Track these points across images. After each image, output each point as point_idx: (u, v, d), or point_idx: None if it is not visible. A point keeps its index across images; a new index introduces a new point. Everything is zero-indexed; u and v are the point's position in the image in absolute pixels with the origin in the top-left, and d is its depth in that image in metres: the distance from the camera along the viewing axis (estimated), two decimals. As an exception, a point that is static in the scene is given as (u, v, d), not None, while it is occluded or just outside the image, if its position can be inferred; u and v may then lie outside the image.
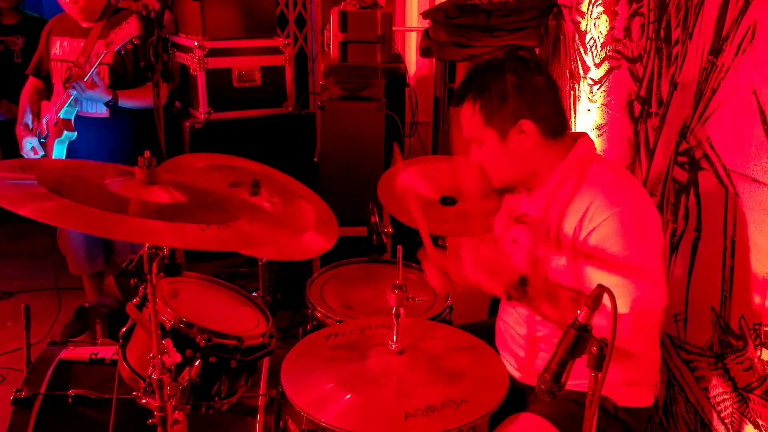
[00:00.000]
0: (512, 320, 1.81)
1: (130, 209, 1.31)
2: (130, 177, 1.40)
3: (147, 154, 1.38)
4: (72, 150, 2.95)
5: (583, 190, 1.59)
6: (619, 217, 1.51)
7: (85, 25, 2.91)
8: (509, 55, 1.71)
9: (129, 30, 2.66)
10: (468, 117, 1.64)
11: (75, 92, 2.78)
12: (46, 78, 3.07)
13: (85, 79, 2.76)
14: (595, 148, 1.70)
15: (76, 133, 2.89)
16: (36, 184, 1.25)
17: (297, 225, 1.97)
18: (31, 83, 3.12)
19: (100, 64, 2.85)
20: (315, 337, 1.64)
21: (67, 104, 2.83)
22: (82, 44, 2.88)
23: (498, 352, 1.88)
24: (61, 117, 2.86)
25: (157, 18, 2.66)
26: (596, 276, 1.54)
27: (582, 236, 1.56)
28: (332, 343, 1.59)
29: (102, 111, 2.94)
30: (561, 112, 1.67)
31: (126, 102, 2.91)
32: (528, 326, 1.75)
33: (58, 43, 2.97)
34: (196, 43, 3.69)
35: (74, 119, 2.89)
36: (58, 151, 2.94)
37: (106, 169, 1.47)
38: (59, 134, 2.89)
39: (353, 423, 1.31)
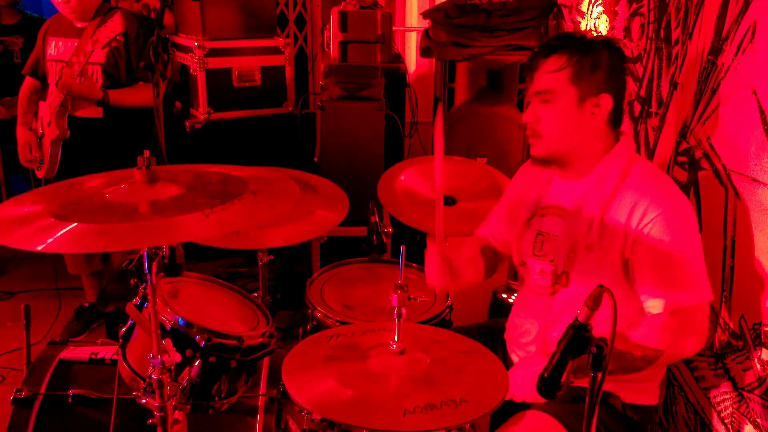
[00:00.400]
0: (527, 316, 1.80)
1: (132, 215, 1.31)
2: (129, 181, 1.40)
3: (146, 153, 1.38)
4: (67, 150, 2.95)
5: (627, 187, 1.61)
6: (666, 217, 1.54)
7: (79, 25, 2.91)
8: (607, 36, 1.71)
9: (113, 27, 2.65)
10: (553, 69, 1.63)
11: (66, 92, 2.78)
12: (42, 78, 3.07)
13: (74, 78, 2.75)
14: (635, 148, 1.71)
15: (69, 132, 2.89)
16: (43, 215, 1.26)
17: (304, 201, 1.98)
18: (28, 83, 3.12)
19: (93, 64, 2.85)
20: (317, 338, 1.64)
21: (59, 104, 2.83)
22: (77, 44, 2.88)
23: (505, 349, 1.88)
24: (54, 117, 2.86)
25: (157, 18, 2.66)
26: (647, 279, 1.56)
27: (631, 233, 1.57)
28: (334, 343, 1.59)
29: (96, 111, 2.94)
30: (623, 110, 1.71)
31: (118, 101, 2.89)
32: (541, 324, 1.74)
33: (53, 43, 2.98)
34: (196, 43, 3.69)
35: (69, 120, 2.89)
36: (53, 152, 2.94)
37: (104, 179, 1.47)
38: (53, 134, 2.89)
39: (351, 417, 1.32)
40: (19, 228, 1.24)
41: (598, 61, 1.61)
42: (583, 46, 1.63)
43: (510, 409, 1.65)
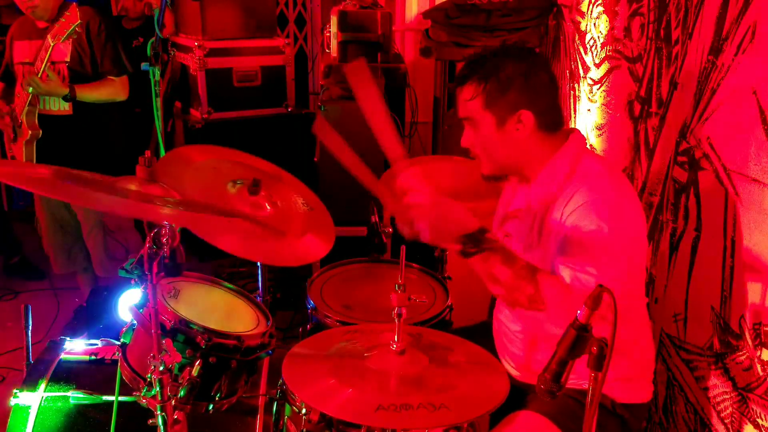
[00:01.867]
0: (506, 318, 1.81)
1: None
2: (130, 181, 1.39)
3: (147, 153, 1.38)
4: (40, 149, 2.96)
5: (569, 184, 1.60)
6: (597, 203, 1.52)
7: (42, 26, 2.92)
8: (518, 44, 1.70)
9: (70, 19, 2.65)
10: (468, 98, 1.64)
11: (31, 89, 2.78)
12: (12, 82, 3.08)
13: (39, 75, 2.75)
14: (586, 144, 1.71)
15: (40, 131, 2.90)
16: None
17: (292, 230, 1.96)
18: None
19: (59, 62, 2.87)
20: (333, 332, 1.66)
21: (27, 104, 2.83)
22: (39, 45, 2.89)
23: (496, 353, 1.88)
24: (25, 118, 2.87)
25: (158, 18, 2.66)
26: (562, 251, 1.54)
27: (562, 220, 1.57)
28: (344, 339, 1.60)
29: (65, 108, 2.94)
30: (559, 108, 1.69)
31: (84, 96, 2.90)
32: (522, 324, 1.75)
33: (19, 46, 2.98)
34: (196, 43, 3.69)
35: (38, 118, 2.90)
36: (28, 153, 2.94)
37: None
38: (26, 135, 2.90)
39: (321, 403, 1.34)
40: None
41: (509, 78, 1.59)
42: (489, 69, 1.61)
43: (508, 408, 1.65)
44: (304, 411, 1.51)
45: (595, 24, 2.59)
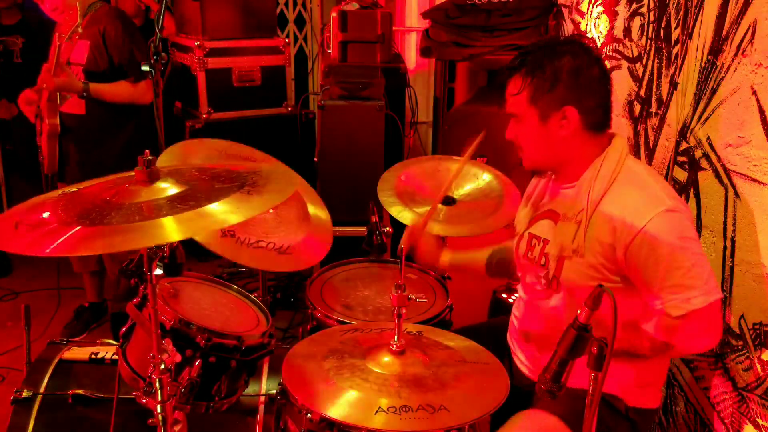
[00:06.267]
0: (524, 320, 1.80)
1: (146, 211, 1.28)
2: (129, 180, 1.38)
3: (147, 153, 1.38)
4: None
5: (614, 190, 1.58)
6: (655, 224, 1.49)
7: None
8: (571, 38, 1.67)
9: (72, 19, 2.66)
10: (513, 93, 1.62)
11: (47, 86, 2.78)
12: None
13: (50, 73, 2.76)
14: (628, 149, 1.66)
15: (59, 128, 2.92)
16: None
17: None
18: None
19: (75, 64, 2.89)
20: (331, 333, 1.66)
21: (47, 99, 2.86)
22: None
23: (509, 348, 1.88)
24: (46, 112, 2.89)
25: (157, 18, 2.65)
26: (652, 289, 1.52)
27: (621, 242, 1.53)
28: (344, 337, 1.60)
29: (79, 108, 2.95)
30: (608, 108, 1.65)
31: (99, 93, 2.90)
32: (539, 322, 1.74)
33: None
34: (196, 43, 3.69)
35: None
36: (51, 147, 2.96)
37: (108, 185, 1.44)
38: (46, 130, 2.92)
39: (321, 406, 1.34)
40: (25, 235, 1.19)
41: (557, 73, 1.56)
42: (540, 62, 1.57)
43: (515, 409, 1.64)
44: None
45: (595, 24, 2.59)
